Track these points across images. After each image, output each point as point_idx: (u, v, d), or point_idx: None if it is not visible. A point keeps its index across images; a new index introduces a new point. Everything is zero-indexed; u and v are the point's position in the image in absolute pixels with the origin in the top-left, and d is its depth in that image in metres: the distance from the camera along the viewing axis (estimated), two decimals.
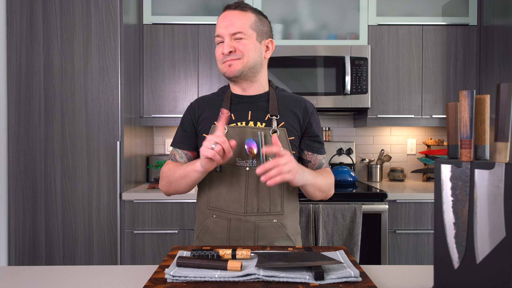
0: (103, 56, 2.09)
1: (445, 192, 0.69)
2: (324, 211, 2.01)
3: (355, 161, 2.69)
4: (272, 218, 1.11)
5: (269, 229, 1.11)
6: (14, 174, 2.08)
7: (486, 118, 0.66)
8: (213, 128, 1.12)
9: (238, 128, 1.11)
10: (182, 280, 0.76)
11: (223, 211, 1.11)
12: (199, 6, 2.43)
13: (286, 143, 1.11)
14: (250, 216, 1.09)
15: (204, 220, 1.15)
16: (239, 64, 1.08)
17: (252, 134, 1.10)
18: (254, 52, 1.10)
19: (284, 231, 1.13)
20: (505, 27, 2.16)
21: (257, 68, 1.13)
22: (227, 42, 1.08)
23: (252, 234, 1.09)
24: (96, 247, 2.09)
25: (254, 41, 1.10)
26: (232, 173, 1.10)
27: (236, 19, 1.08)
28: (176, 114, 2.40)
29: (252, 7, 1.13)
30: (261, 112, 1.14)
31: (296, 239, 1.18)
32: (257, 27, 1.11)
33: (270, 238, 1.11)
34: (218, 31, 1.10)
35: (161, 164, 2.37)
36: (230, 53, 1.08)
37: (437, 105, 2.44)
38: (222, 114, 0.91)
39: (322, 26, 2.45)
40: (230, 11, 1.10)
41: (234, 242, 1.10)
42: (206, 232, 1.14)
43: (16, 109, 2.07)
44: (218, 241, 1.12)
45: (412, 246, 2.14)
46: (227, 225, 1.10)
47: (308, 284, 0.74)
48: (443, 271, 0.69)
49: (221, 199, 1.11)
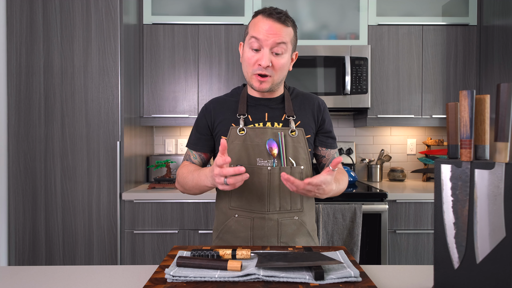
0: (103, 56, 2.09)
1: (445, 192, 0.69)
2: (324, 211, 2.01)
3: (355, 161, 2.69)
4: (293, 215, 1.14)
5: (291, 226, 1.13)
6: (14, 174, 2.08)
7: (486, 118, 0.66)
8: (231, 130, 1.13)
9: (258, 129, 1.12)
10: (182, 280, 0.76)
11: (245, 210, 1.13)
12: (199, 6, 2.43)
13: (304, 142, 1.14)
14: (273, 214, 1.12)
15: (226, 220, 1.16)
16: (269, 82, 1.10)
17: (272, 134, 1.12)
18: (285, 69, 1.12)
19: (305, 228, 1.16)
20: (505, 27, 2.16)
21: (282, 81, 1.16)
22: (266, 54, 1.06)
23: (275, 232, 1.11)
24: (96, 247, 2.09)
25: (289, 57, 1.11)
26: (253, 173, 1.11)
27: (280, 31, 1.06)
28: (176, 114, 2.40)
29: (292, 20, 1.11)
30: (278, 112, 1.16)
31: (314, 235, 1.20)
32: (294, 42, 1.12)
33: (292, 235, 1.13)
34: (259, 35, 1.06)
35: (161, 164, 2.37)
36: (267, 68, 1.07)
37: (437, 105, 2.44)
38: (221, 145, 0.91)
39: (322, 26, 2.45)
40: (274, 23, 1.06)
41: (257, 240, 1.12)
42: (227, 232, 1.15)
43: (16, 109, 2.07)
44: (240, 240, 1.13)
45: (412, 246, 2.14)
46: (251, 224, 1.12)
47: (308, 284, 0.74)
48: (443, 271, 0.69)
49: (243, 199, 1.13)
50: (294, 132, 1.13)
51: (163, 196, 2.11)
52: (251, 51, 1.08)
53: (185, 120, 2.40)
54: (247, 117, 1.15)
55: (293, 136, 1.13)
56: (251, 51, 1.08)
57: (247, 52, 1.09)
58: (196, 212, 2.13)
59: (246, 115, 1.15)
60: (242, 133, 1.12)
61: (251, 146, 1.12)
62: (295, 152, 1.13)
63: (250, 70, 1.10)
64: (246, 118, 1.15)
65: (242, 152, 1.12)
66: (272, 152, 1.10)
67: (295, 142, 1.13)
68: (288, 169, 1.11)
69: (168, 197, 2.11)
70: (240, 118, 1.14)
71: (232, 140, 1.13)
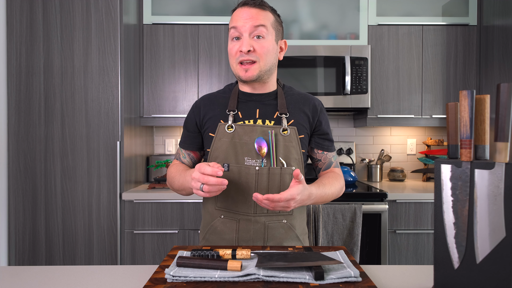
0: (103, 56, 2.09)
1: (445, 192, 0.69)
2: (324, 211, 2.01)
3: (355, 161, 2.69)
4: (282, 218, 1.09)
5: (278, 229, 1.08)
6: (14, 174, 2.08)
7: (486, 118, 0.66)
8: (219, 127, 1.09)
9: (247, 126, 1.07)
10: (182, 280, 0.76)
11: (231, 211, 1.08)
12: (199, 6, 2.43)
13: (297, 142, 1.09)
14: (260, 216, 1.07)
15: (212, 220, 1.12)
16: (256, 69, 1.05)
17: (262, 132, 1.06)
18: (271, 55, 1.07)
19: (293, 232, 1.11)
20: (505, 27, 2.16)
21: (272, 70, 1.10)
22: (246, 39, 1.03)
23: (262, 235, 1.07)
24: (96, 247, 2.09)
25: (273, 41, 1.07)
26: (240, 172, 1.06)
27: (257, 14, 1.03)
28: (176, 114, 2.40)
29: (270, 6, 1.09)
30: (270, 110, 1.10)
31: (304, 239, 1.16)
32: (276, 26, 1.08)
33: (280, 239, 1.09)
34: (236, 23, 1.03)
35: (161, 164, 2.37)
36: (249, 52, 1.03)
37: (437, 105, 2.44)
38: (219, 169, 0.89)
39: (322, 26, 2.45)
40: (250, 8, 1.04)
41: (243, 243, 1.07)
42: (213, 233, 1.11)
43: (16, 109, 2.07)
44: (226, 242, 1.09)
45: (412, 246, 2.14)
46: (236, 226, 1.07)
47: (308, 284, 0.74)
48: (443, 271, 0.69)
49: (229, 199, 1.08)
50: (286, 131, 1.07)
51: (163, 196, 2.11)
52: (232, 42, 1.06)
53: None
54: (237, 113, 1.10)
55: (284, 135, 1.07)
56: (232, 42, 1.06)
57: (229, 44, 1.08)
58: (196, 212, 2.13)
59: (236, 111, 1.09)
60: (230, 130, 1.07)
61: (239, 144, 1.06)
62: (286, 152, 1.07)
63: (234, 60, 1.06)
64: (236, 114, 1.10)
65: (230, 150, 1.07)
66: (261, 151, 1.04)
67: (287, 141, 1.07)
68: (278, 170, 1.05)
69: (168, 197, 2.11)
70: (230, 114, 1.09)
71: (220, 138, 1.08)
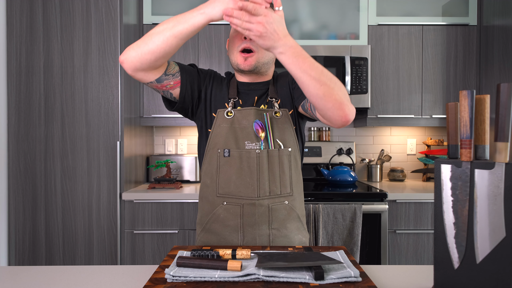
0: (103, 56, 2.09)
1: (445, 192, 0.69)
2: (324, 211, 2.01)
3: (355, 161, 2.69)
4: (283, 200, 1.12)
5: (281, 211, 1.12)
6: (14, 174, 2.08)
7: (486, 118, 0.66)
8: (219, 113, 1.12)
9: (244, 111, 1.11)
10: (182, 280, 0.76)
11: (234, 197, 1.10)
12: None
13: (290, 123, 1.14)
14: (263, 199, 1.09)
15: (213, 209, 1.13)
16: (254, 59, 1.09)
17: (258, 115, 1.11)
18: None
19: (295, 213, 1.15)
20: (505, 27, 2.16)
21: (269, 64, 1.15)
22: None
23: (266, 218, 1.10)
24: (96, 247, 2.09)
25: None
26: (241, 157, 1.09)
27: None
28: (176, 114, 2.40)
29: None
30: (264, 96, 1.16)
31: (303, 221, 1.19)
32: None
33: (283, 221, 1.12)
34: None
35: (161, 164, 2.37)
36: (251, 40, 1.03)
37: (437, 105, 2.44)
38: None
39: (322, 26, 2.45)
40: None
41: (248, 227, 1.09)
42: (215, 221, 1.12)
43: (16, 109, 2.07)
44: (230, 229, 1.10)
45: (412, 246, 2.14)
46: (240, 211, 1.09)
47: (308, 284, 0.74)
48: (443, 271, 0.69)
49: (231, 185, 1.10)
50: (278, 113, 1.13)
51: (163, 196, 2.11)
52: (234, 32, 1.11)
53: (185, 120, 2.40)
54: (237, 100, 1.15)
55: (277, 117, 1.12)
56: (234, 32, 1.11)
57: (231, 34, 1.12)
58: (196, 212, 2.13)
59: (236, 98, 1.14)
60: (230, 115, 1.11)
61: (239, 128, 1.11)
62: (282, 134, 1.12)
63: (235, 47, 1.10)
64: (237, 101, 1.15)
65: (230, 135, 1.10)
66: (259, 134, 1.09)
67: (280, 123, 1.12)
68: (276, 151, 1.11)
69: (168, 197, 2.11)
70: (231, 100, 1.14)
71: (220, 124, 1.12)
